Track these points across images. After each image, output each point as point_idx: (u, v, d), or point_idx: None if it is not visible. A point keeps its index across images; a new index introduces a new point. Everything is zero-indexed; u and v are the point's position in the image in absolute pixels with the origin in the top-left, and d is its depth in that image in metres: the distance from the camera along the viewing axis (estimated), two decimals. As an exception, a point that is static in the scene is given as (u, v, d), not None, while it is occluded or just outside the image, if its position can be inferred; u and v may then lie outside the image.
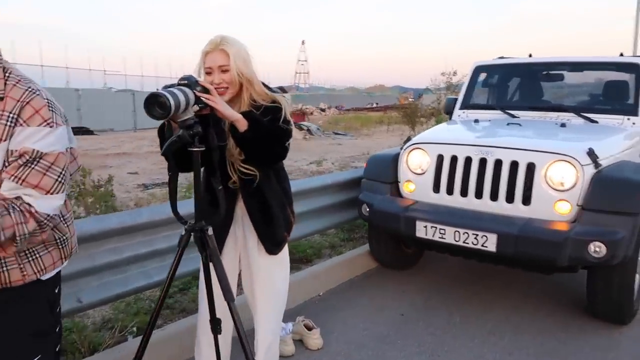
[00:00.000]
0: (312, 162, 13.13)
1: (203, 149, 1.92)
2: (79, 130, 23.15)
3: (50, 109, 1.43)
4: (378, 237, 4.41)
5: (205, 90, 1.94)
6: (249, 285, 2.44)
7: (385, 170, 4.16)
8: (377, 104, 58.59)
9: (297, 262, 4.50)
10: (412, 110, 11.75)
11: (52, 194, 1.42)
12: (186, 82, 1.90)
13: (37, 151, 1.38)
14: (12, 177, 1.38)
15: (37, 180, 1.39)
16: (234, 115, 2.02)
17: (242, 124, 2.03)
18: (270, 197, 2.29)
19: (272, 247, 2.34)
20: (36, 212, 1.39)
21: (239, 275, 2.48)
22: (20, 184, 1.38)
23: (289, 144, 2.20)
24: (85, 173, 5.38)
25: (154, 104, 1.72)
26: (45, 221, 1.43)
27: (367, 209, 4.05)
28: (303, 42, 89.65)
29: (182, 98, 1.78)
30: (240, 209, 2.31)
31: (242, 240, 2.38)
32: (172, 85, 1.89)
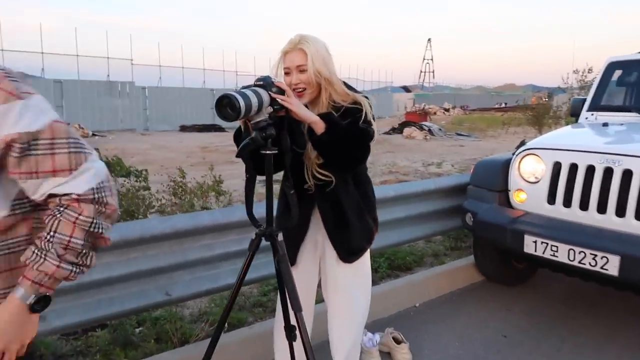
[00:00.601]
0: (431, 164, 12.75)
1: (275, 151, 1.87)
2: (211, 128, 24.94)
3: (11, 79, 1.15)
4: (484, 249, 4.09)
5: (281, 92, 1.89)
6: (326, 294, 2.36)
7: (494, 176, 3.84)
8: (505, 104, 55.48)
9: (396, 269, 4.34)
10: (541, 111, 10.81)
11: (76, 169, 1.18)
12: (262, 82, 1.86)
13: (25, 133, 1.12)
14: (24, 176, 1.16)
15: (50, 165, 1.16)
16: (311, 117, 1.94)
17: (319, 127, 1.94)
18: (346, 202, 2.18)
19: (347, 255, 2.24)
20: (78, 195, 1.18)
21: (319, 283, 2.41)
22: (37, 178, 1.16)
23: (369, 147, 2.07)
24: (211, 167, 5.72)
25: (225, 105, 1.70)
26: (97, 195, 1.20)
27: (471, 218, 3.77)
28: (429, 40, 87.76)
29: (254, 99, 1.74)
30: (318, 215, 2.23)
31: (321, 247, 2.30)
32: (249, 86, 1.87)
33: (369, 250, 2.34)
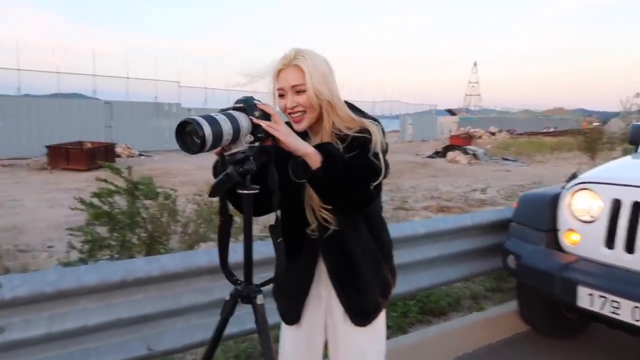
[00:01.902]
0: (475, 189, 12.13)
1: (256, 191, 1.50)
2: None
3: None
4: (529, 295, 3.56)
5: (267, 116, 1.52)
6: (335, 358, 1.95)
7: (540, 213, 3.33)
8: (554, 128, 53.76)
9: (428, 314, 3.85)
10: (594, 136, 10.04)
11: None
12: (241, 105, 1.50)
13: None
14: None
15: None
16: (303, 148, 1.56)
17: (314, 160, 1.56)
18: (357, 252, 1.78)
19: (359, 317, 1.82)
20: None
21: (325, 346, 2.00)
22: None
23: (379, 186, 1.67)
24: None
25: (189, 132, 1.35)
26: None
27: (514, 261, 3.27)
28: (475, 64, 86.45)
29: (226, 126, 1.38)
30: (324, 266, 1.84)
31: (326, 303, 1.89)
32: (227, 109, 1.52)
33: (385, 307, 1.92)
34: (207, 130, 1.31)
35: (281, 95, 1.71)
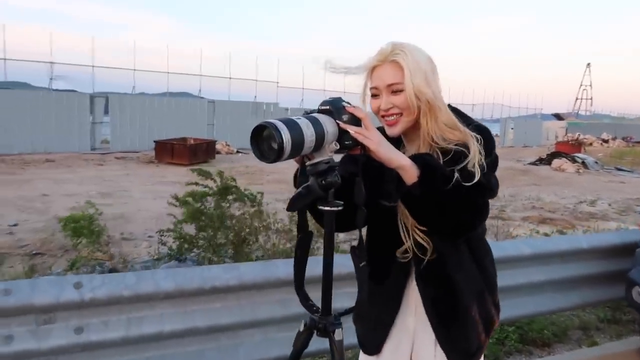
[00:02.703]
0: (584, 201, 11.13)
1: (339, 208, 1.29)
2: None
3: None
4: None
5: (356, 121, 1.31)
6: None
7: (676, 240, 2.82)
8: (679, 137, 48.58)
9: (529, 344, 3.45)
10: None
11: None
12: (328, 107, 1.30)
13: None
14: None
15: None
16: (397, 159, 1.33)
17: (410, 174, 1.33)
18: (461, 283, 1.53)
19: (457, 357, 1.56)
20: None
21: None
22: None
23: (487, 207, 1.40)
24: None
25: (266, 138, 1.18)
26: None
27: (640, 294, 2.80)
28: (588, 65, 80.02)
29: (309, 131, 1.19)
30: (414, 294, 1.60)
31: (415, 337, 1.65)
32: (310, 112, 1.33)
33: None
34: (286, 136, 1.13)
35: (374, 96, 1.50)
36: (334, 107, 1.30)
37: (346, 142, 1.30)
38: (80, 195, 9.69)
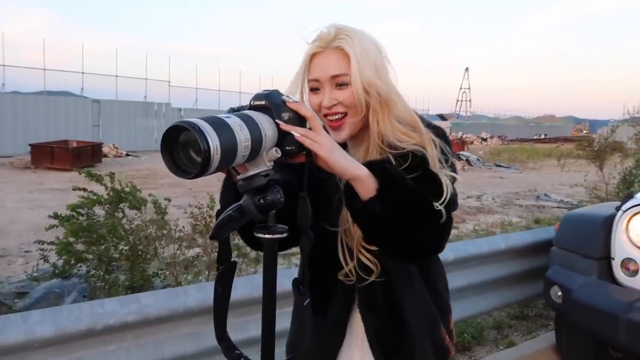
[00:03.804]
0: (470, 196, 11.70)
1: (283, 236, 0.99)
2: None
3: None
4: (572, 333, 3.07)
5: (299, 120, 1.01)
6: None
7: (590, 238, 2.85)
8: (545, 135, 53.97)
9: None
10: (601, 145, 9.68)
11: None
12: (263, 102, 0.99)
13: None
14: None
15: None
16: (352, 169, 1.06)
17: (367, 186, 1.06)
18: (409, 309, 1.29)
19: None
20: None
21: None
22: None
23: (451, 223, 1.18)
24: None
25: (183, 145, 0.85)
26: None
27: (560, 294, 2.79)
28: (467, 69, 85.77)
29: (242, 135, 0.87)
30: (359, 324, 1.34)
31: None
32: (240, 108, 1.01)
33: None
34: (214, 141, 0.80)
35: (314, 90, 1.21)
36: (272, 103, 0.99)
37: (287, 148, 0.99)
38: None
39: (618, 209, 2.81)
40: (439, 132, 1.26)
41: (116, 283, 3.69)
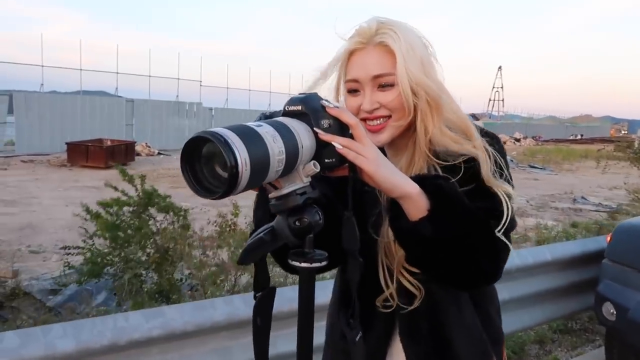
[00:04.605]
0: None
1: (322, 264, 0.85)
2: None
3: None
4: (626, 353, 2.85)
5: (341, 129, 0.88)
6: None
7: (648, 251, 2.63)
8: (581, 135, 52.52)
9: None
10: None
11: None
12: (300, 107, 0.86)
13: None
14: None
15: None
16: (401, 185, 0.91)
17: (418, 205, 0.92)
18: (459, 339, 1.14)
19: None
20: None
21: None
22: None
23: (508, 246, 1.03)
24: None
25: (207, 158, 0.72)
26: None
27: (613, 312, 2.58)
28: (500, 68, 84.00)
29: (276, 147, 0.74)
30: (400, 354, 1.19)
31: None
32: (272, 114, 0.88)
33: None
34: (242, 153, 0.67)
35: (352, 91, 1.08)
36: (309, 108, 0.85)
37: (326, 161, 0.86)
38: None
39: (679, 220, 2.58)
40: (493, 141, 1.11)
41: (142, 288, 3.64)
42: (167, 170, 14.91)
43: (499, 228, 0.97)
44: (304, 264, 0.83)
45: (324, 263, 0.84)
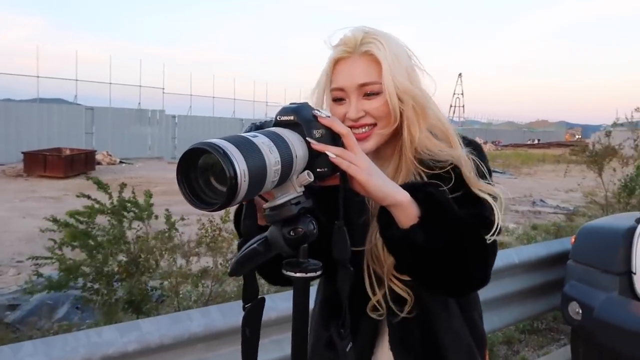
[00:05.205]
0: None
1: (317, 274, 0.86)
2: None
3: None
4: (591, 351, 2.95)
5: (333, 138, 0.88)
6: None
7: (610, 252, 2.74)
8: (538, 140, 54.30)
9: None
10: (599, 150, 9.56)
11: None
12: (292, 117, 0.86)
13: None
14: None
15: None
16: (394, 194, 0.93)
17: (408, 213, 0.93)
18: (448, 344, 1.16)
19: None
20: None
21: None
22: None
23: (496, 250, 1.06)
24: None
25: (203, 170, 0.72)
26: None
27: (579, 311, 2.67)
28: (460, 75, 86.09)
29: (272, 157, 0.75)
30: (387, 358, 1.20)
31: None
32: (263, 124, 0.88)
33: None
34: (241, 165, 0.67)
35: (338, 100, 1.09)
36: (302, 119, 0.86)
37: (318, 170, 0.86)
38: None
39: (638, 221, 2.70)
40: (475, 149, 1.14)
41: (112, 298, 3.53)
42: (129, 179, 14.56)
43: (491, 233, 1.00)
44: (299, 274, 0.83)
45: (318, 272, 0.85)
